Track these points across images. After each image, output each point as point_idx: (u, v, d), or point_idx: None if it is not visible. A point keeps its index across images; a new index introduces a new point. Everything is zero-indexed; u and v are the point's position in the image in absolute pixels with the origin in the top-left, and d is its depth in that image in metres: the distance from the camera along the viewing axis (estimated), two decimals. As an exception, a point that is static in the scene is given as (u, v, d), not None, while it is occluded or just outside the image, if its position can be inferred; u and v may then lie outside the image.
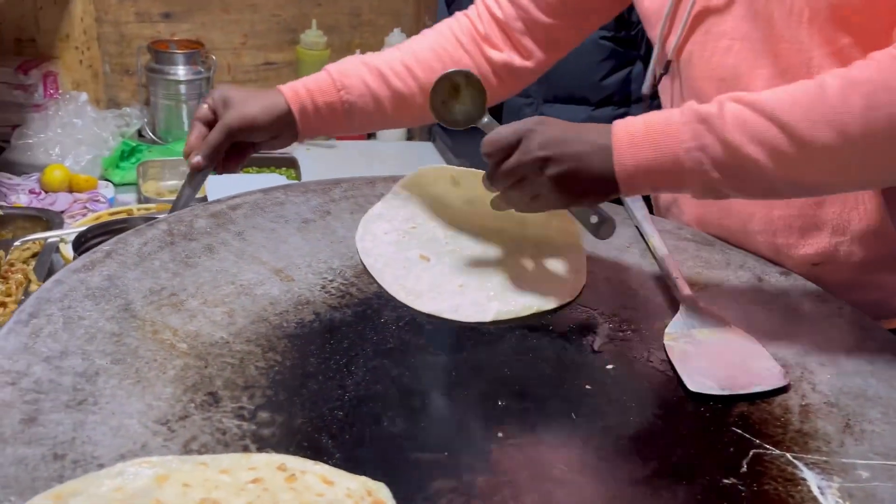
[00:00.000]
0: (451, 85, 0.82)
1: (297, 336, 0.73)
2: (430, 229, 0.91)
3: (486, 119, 0.82)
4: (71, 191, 1.55)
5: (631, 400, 0.71)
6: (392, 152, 2.11)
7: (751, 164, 0.68)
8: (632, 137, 0.72)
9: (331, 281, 0.82)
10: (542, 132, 0.73)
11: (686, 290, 0.84)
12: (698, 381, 0.73)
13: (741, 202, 0.91)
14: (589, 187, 0.74)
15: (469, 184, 0.87)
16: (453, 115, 0.84)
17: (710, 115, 0.69)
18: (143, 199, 1.56)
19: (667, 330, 0.79)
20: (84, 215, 1.42)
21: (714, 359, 0.76)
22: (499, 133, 0.75)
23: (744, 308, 0.84)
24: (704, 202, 0.96)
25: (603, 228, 0.81)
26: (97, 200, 1.51)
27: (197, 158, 0.92)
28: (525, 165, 0.73)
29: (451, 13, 1.04)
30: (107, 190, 1.58)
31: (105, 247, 0.78)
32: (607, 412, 0.69)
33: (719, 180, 0.70)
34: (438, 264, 0.86)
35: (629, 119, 0.73)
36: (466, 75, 0.82)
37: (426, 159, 2.08)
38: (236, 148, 0.95)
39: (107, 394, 0.61)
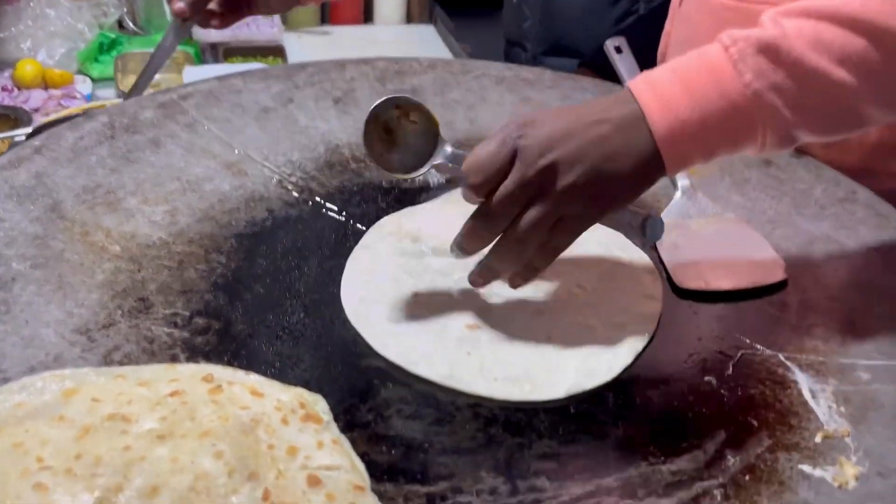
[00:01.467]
0: (382, 128, 0.59)
1: (246, 235, 0.67)
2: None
3: (448, 149, 0.58)
4: (46, 87, 1.47)
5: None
6: (390, 37, 1.97)
7: (840, 92, 0.53)
8: (663, 93, 0.54)
9: (289, 175, 0.75)
10: (537, 131, 0.54)
11: (683, 176, 0.76)
12: (686, 276, 0.66)
13: None
14: (625, 180, 0.54)
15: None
16: (403, 164, 0.59)
17: (772, 41, 0.52)
18: (122, 95, 1.47)
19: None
20: (59, 112, 1.35)
21: (707, 252, 0.68)
22: (479, 154, 0.54)
23: (748, 194, 0.76)
24: None
25: (650, 225, 0.60)
26: (72, 97, 1.43)
27: (179, 4, 0.83)
28: (530, 183, 0.53)
29: None
30: (83, 86, 1.49)
31: (35, 142, 0.71)
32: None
33: (796, 123, 0.53)
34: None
35: (648, 73, 0.56)
36: (397, 106, 0.58)
37: (427, 44, 1.95)
38: (230, 2, 0.85)
39: (22, 301, 0.56)
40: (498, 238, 0.56)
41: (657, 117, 0.53)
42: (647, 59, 1.24)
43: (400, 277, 0.64)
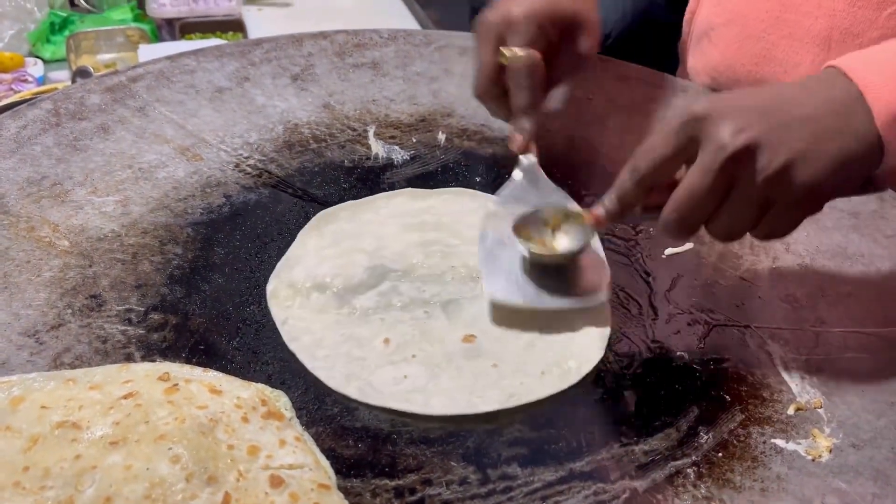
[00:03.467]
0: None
1: (202, 224, 0.64)
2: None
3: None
4: (-4, 71, 1.42)
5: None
6: (353, 6, 1.93)
7: None
8: (886, 74, 0.46)
9: (246, 158, 0.73)
10: (723, 110, 0.46)
11: (529, 153, 0.65)
12: (501, 286, 0.57)
13: (786, 48, 0.74)
14: (841, 168, 0.46)
15: None
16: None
17: None
18: (74, 76, 1.42)
19: (489, 207, 0.63)
20: (10, 97, 1.30)
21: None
22: (648, 143, 0.49)
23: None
24: (741, 38, 0.74)
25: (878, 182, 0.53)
26: (24, 80, 1.38)
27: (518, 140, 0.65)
28: (720, 173, 0.45)
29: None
30: (35, 68, 1.44)
31: (-26, 133, 0.68)
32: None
33: None
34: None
35: (854, 54, 0.49)
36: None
37: (392, 12, 1.91)
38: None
39: (-36, 305, 0.53)
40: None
41: (879, 97, 0.46)
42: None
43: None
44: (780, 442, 0.49)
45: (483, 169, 0.73)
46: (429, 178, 0.72)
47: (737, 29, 0.79)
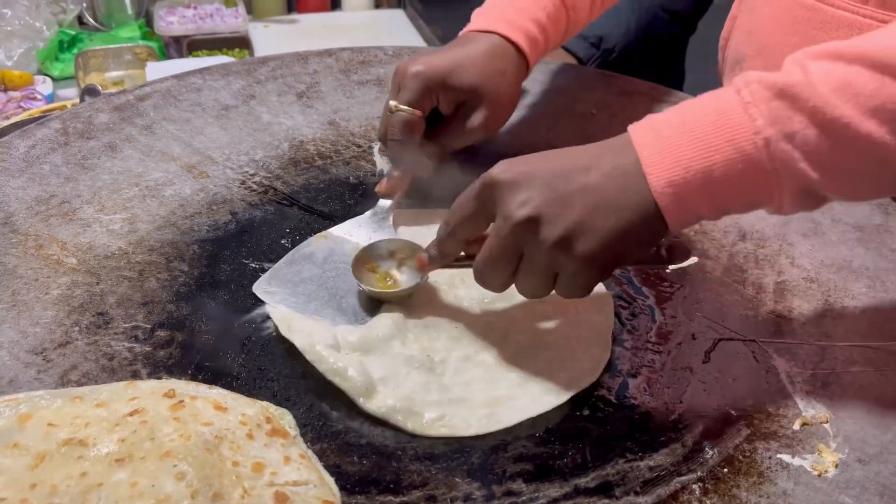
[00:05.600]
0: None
1: (209, 241, 0.65)
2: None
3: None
4: (5, 89, 1.43)
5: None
6: (358, 23, 1.94)
7: (869, 147, 0.44)
8: (663, 140, 0.47)
9: (252, 175, 0.73)
10: (513, 178, 0.49)
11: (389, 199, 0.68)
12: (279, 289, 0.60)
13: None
14: (622, 237, 0.47)
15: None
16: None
17: (791, 85, 0.45)
18: (83, 94, 1.43)
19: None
20: (19, 115, 1.32)
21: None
22: (459, 201, 0.52)
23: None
24: (770, 69, 0.75)
25: (677, 253, 0.56)
26: (33, 98, 1.39)
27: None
28: (509, 240, 0.49)
29: None
30: (44, 86, 1.46)
31: (-16, 152, 0.68)
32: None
33: (819, 182, 0.46)
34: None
35: (652, 116, 0.50)
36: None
37: (397, 29, 1.92)
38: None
39: (-28, 323, 0.54)
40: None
41: (654, 166, 0.47)
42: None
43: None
44: (785, 457, 0.49)
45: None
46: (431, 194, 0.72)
47: (765, 60, 0.79)
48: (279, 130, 0.79)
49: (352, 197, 0.71)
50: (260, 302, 0.59)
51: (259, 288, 0.60)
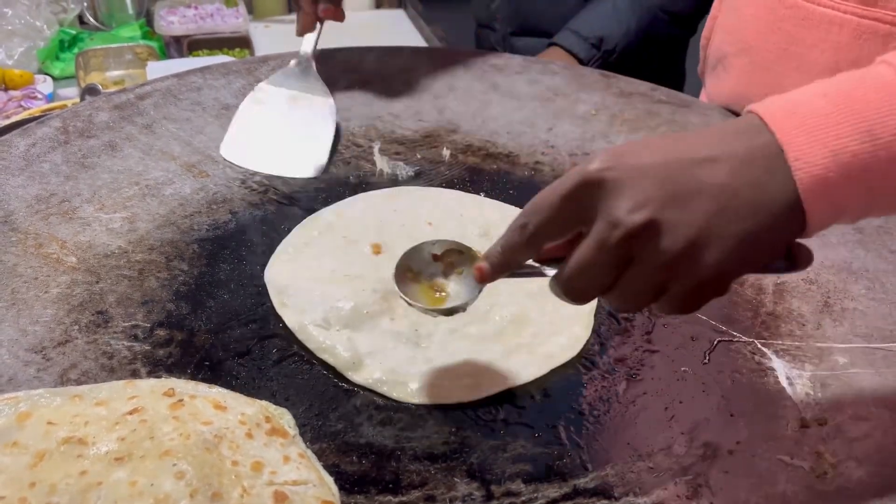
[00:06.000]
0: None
1: (208, 240, 0.65)
2: None
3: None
4: (6, 88, 1.43)
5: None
6: (358, 23, 1.94)
7: None
8: (811, 119, 0.39)
9: (252, 175, 0.73)
10: (622, 173, 0.40)
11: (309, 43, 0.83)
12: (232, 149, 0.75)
13: (796, 80, 0.65)
14: (751, 243, 0.39)
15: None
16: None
17: None
18: (83, 93, 1.43)
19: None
20: (20, 114, 1.31)
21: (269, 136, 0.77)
22: (544, 199, 0.42)
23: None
24: (752, 68, 0.70)
25: (802, 257, 0.44)
26: (33, 97, 1.39)
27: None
28: (615, 250, 0.40)
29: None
30: (44, 85, 1.45)
31: (-16, 151, 0.68)
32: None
33: None
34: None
35: (778, 97, 0.42)
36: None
37: (398, 29, 1.92)
38: None
39: (-28, 322, 0.54)
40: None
41: (802, 150, 0.38)
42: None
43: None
44: (784, 458, 0.49)
45: (487, 185, 0.74)
46: (433, 194, 0.72)
47: (747, 59, 0.79)
48: (279, 130, 0.79)
49: (351, 196, 0.71)
50: (260, 302, 0.59)
51: (226, 152, 0.74)
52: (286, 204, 0.70)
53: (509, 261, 0.45)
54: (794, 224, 0.40)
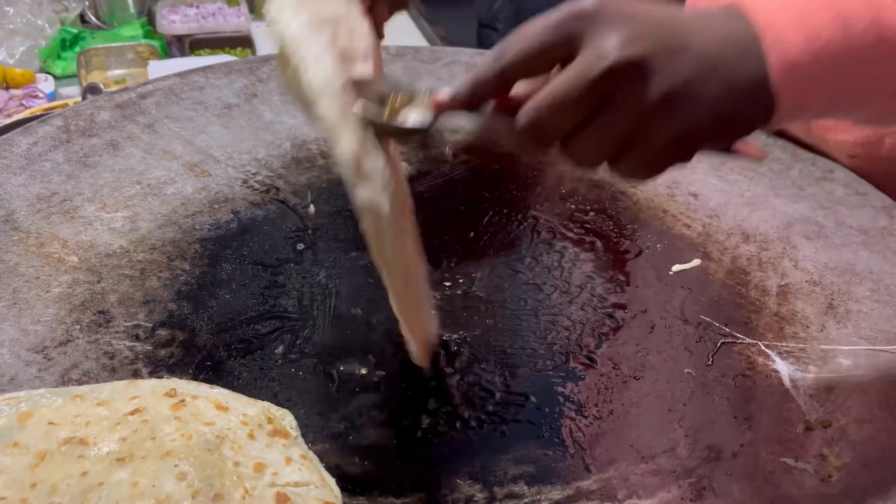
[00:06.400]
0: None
1: (210, 239, 0.65)
2: None
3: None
4: (7, 87, 1.42)
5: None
6: (361, 24, 1.94)
7: None
8: (788, 6, 0.39)
9: (254, 174, 0.73)
10: (621, 14, 0.38)
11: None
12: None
13: None
14: (726, 113, 0.39)
15: None
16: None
17: None
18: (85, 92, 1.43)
19: None
20: (21, 113, 1.31)
21: None
22: (526, 31, 0.40)
23: (725, 176, 0.75)
24: None
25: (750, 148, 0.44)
26: (34, 96, 1.39)
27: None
28: (594, 85, 0.38)
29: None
30: (46, 84, 1.45)
31: (-15, 150, 0.68)
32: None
33: None
34: None
35: None
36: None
37: (400, 29, 1.92)
38: None
39: (-27, 321, 0.53)
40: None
41: (779, 35, 0.39)
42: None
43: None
44: (789, 461, 0.49)
45: (489, 185, 0.74)
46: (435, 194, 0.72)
47: None
48: (281, 129, 0.79)
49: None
50: (261, 302, 0.59)
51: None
52: (288, 204, 0.70)
53: (476, 93, 0.41)
54: (763, 108, 0.40)
